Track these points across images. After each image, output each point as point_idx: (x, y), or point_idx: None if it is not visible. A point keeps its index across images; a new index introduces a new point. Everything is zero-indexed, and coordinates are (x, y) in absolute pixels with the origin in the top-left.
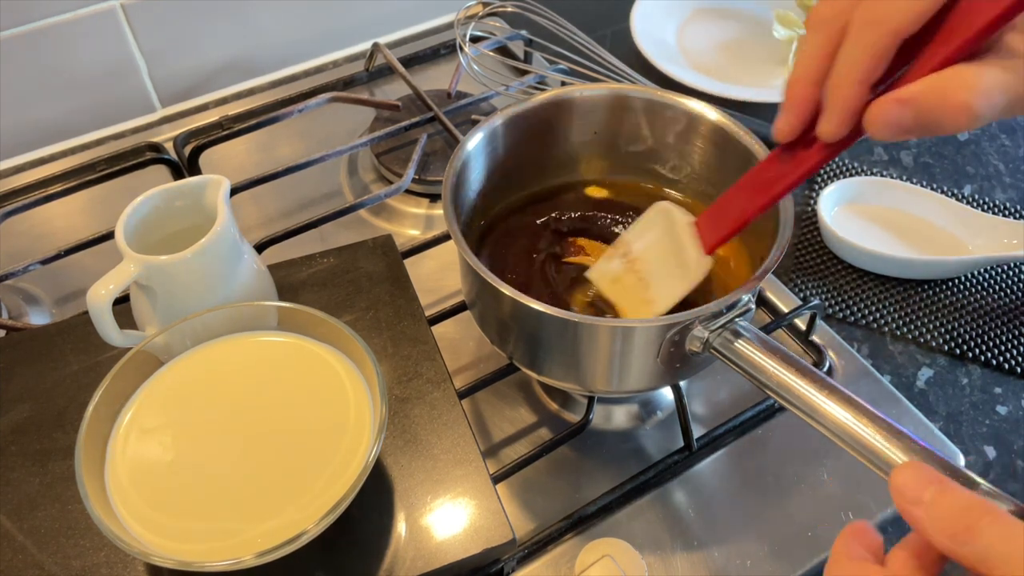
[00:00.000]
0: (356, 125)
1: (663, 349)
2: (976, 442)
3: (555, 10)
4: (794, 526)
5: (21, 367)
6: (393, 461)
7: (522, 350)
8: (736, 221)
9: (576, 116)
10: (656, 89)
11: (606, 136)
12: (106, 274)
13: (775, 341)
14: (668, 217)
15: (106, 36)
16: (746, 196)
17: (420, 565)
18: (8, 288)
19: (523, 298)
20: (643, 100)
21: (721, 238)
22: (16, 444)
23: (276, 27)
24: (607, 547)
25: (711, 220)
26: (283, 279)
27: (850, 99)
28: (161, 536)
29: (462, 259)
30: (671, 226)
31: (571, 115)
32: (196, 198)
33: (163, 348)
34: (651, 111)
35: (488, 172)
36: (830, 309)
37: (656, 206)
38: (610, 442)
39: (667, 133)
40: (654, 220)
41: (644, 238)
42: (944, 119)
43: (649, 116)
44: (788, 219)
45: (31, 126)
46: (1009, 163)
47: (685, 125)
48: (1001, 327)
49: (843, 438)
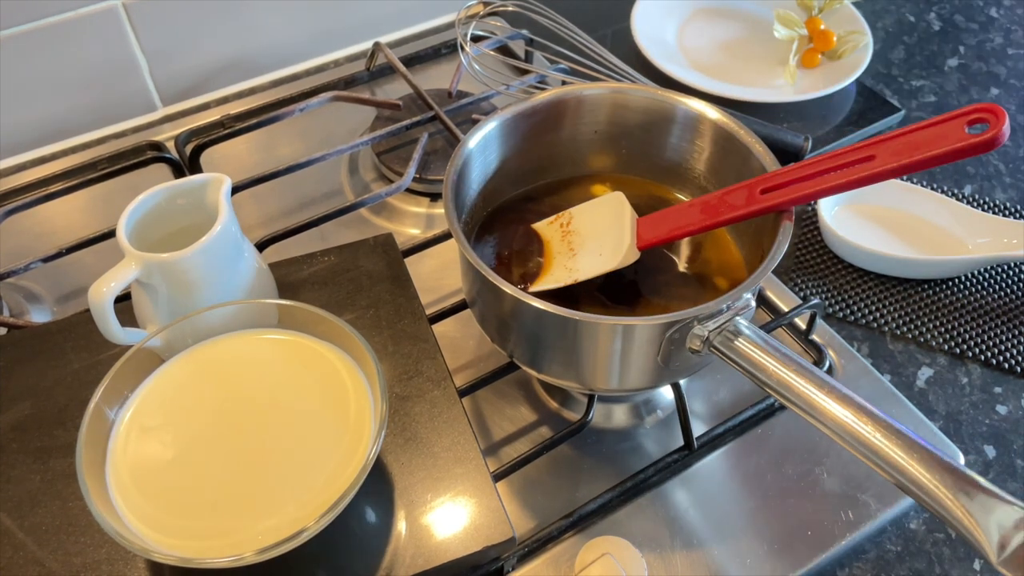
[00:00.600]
0: (357, 124)
1: (663, 347)
2: (976, 441)
3: (555, 10)
4: (794, 525)
5: (22, 365)
6: (393, 459)
7: (522, 348)
8: (674, 231)
9: (576, 115)
10: (656, 88)
11: (607, 135)
12: (107, 272)
13: (775, 340)
14: (619, 206)
15: (107, 35)
16: (693, 214)
17: (420, 563)
18: (9, 286)
19: (523, 296)
20: (643, 99)
21: (656, 240)
22: (17, 441)
23: (277, 26)
24: (607, 545)
25: (654, 222)
26: (284, 277)
27: None
28: (162, 533)
29: (463, 257)
30: (619, 214)
31: (571, 114)
32: (197, 196)
33: (164, 346)
34: (651, 110)
35: (489, 171)
36: (830, 308)
37: (614, 194)
38: (610, 441)
39: (668, 132)
40: (606, 203)
41: (590, 215)
42: None
43: (649, 115)
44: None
45: (32, 125)
46: (1009, 163)
47: (685, 124)
48: (1001, 327)
49: (843, 436)
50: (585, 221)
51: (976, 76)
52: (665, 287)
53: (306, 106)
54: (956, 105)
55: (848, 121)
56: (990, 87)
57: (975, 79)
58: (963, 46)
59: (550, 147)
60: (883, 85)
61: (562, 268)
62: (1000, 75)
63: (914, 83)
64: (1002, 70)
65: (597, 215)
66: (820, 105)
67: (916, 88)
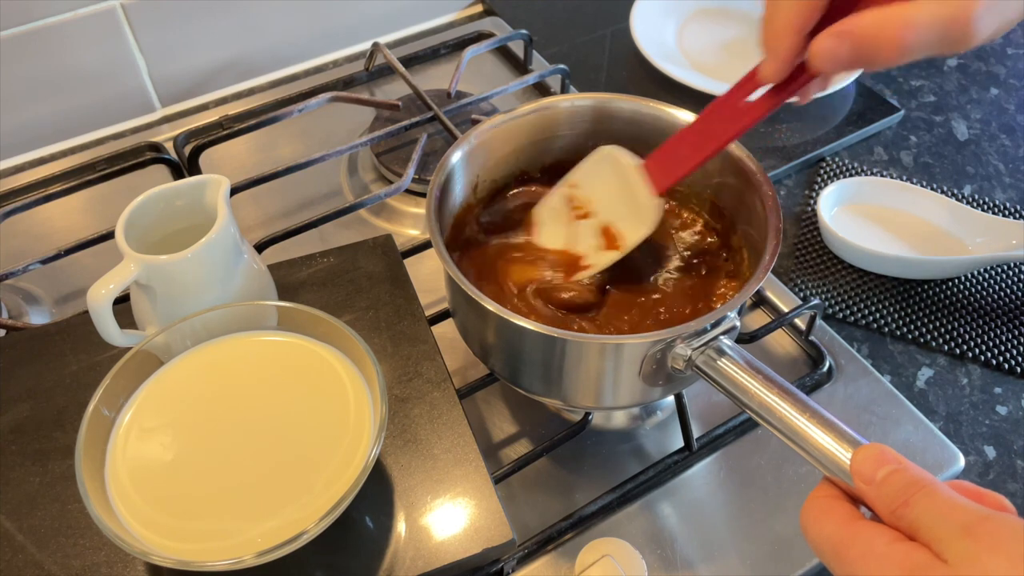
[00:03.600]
0: (356, 125)
1: (645, 366)
2: (976, 442)
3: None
4: (794, 526)
5: (21, 366)
6: (393, 461)
7: (502, 363)
8: (689, 161)
9: (562, 126)
10: (640, 99)
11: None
12: (106, 274)
13: (759, 361)
14: (614, 161)
15: (106, 36)
16: (699, 138)
17: (420, 565)
18: (8, 288)
19: (505, 313)
20: (629, 110)
21: (673, 179)
22: (16, 443)
23: (276, 27)
24: (607, 547)
25: (661, 162)
26: (283, 279)
27: (787, 48)
28: (161, 535)
29: (446, 273)
30: (619, 169)
31: (557, 125)
32: (196, 198)
33: (163, 348)
34: (636, 121)
35: (475, 183)
36: (830, 309)
37: (600, 150)
38: (610, 442)
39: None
40: (600, 164)
41: (592, 184)
42: (879, 53)
43: (635, 126)
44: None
45: (31, 126)
46: (1009, 163)
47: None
48: (1001, 327)
49: (824, 463)
50: (593, 191)
51: (975, 76)
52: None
53: (305, 107)
54: (956, 105)
55: (848, 121)
56: (989, 87)
57: (974, 79)
58: None
59: (538, 157)
60: (883, 85)
61: (592, 249)
62: (999, 75)
63: (913, 83)
64: (1001, 70)
65: (597, 180)
66: (820, 105)
67: (916, 88)
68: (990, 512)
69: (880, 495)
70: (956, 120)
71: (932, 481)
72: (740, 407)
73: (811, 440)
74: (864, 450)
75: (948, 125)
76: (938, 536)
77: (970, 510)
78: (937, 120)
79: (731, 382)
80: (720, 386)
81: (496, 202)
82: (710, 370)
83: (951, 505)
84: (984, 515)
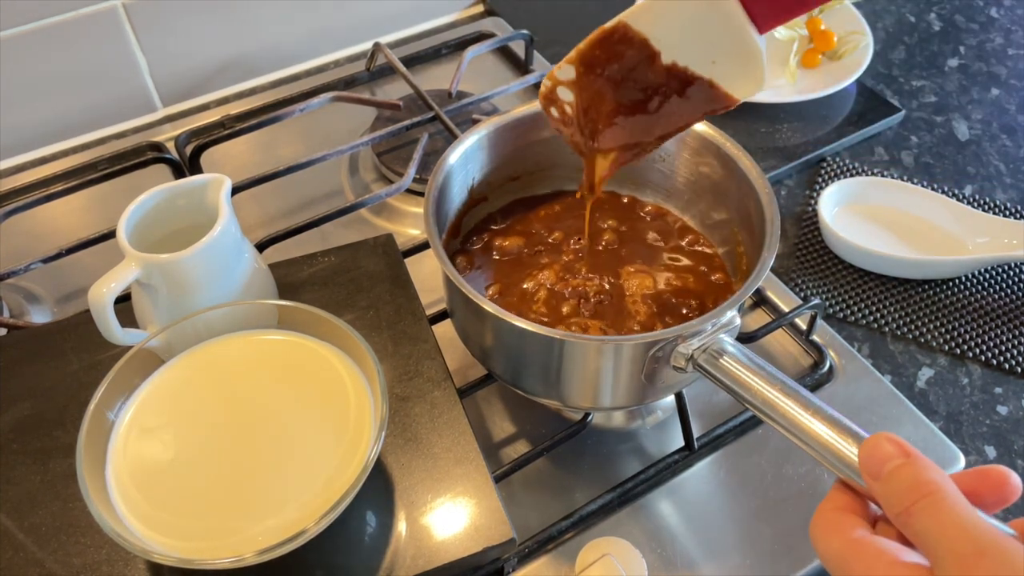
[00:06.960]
0: (357, 125)
1: (647, 366)
2: (976, 442)
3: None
4: (794, 525)
5: (22, 365)
6: (394, 460)
7: (501, 365)
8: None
9: None
10: None
11: None
12: (107, 273)
13: (760, 358)
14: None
15: (107, 36)
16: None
17: (420, 564)
18: (10, 287)
19: (504, 314)
20: None
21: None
22: (17, 442)
23: (277, 27)
24: (607, 546)
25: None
26: (284, 278)
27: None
28: (162, 534)
29: (444, 275)
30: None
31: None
32: (197, 197)
33: (164, 347)
34: None
35: (472, 184)
36: (831, 309)
37: None
38: (610, 441)
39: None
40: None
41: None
42: None
43: None
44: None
45: (32, 125)
46: (1010, 163)
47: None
48: (1001, 327)
49: (827, 458)
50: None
51: (976, 76)
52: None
53: (306, 106)
54: (957, 105)
55: (848, 121)
56: (990, 87)
57: (975, 79)
58: (963, 46)
59: (535, 158)
60: (883, 85)
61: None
62: (1000, 75)
63: (914, 83)
64: (1002, 70)
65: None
66: (820, 105)
67: (916, 88)
68: (992, 541)
69: (886, 493)
70: (957, 120)
71: (939, 485)
72: (743, 404)
73: (815, 435)
74: (871, 441)
75: (949, 125)
76: (938, 555)
77: (971, 537)
78: (938, 120)
79: (734, 379)
80: (723, 384)
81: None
82: (712, 368)
83: (955, 525)
84: (982, 548)
